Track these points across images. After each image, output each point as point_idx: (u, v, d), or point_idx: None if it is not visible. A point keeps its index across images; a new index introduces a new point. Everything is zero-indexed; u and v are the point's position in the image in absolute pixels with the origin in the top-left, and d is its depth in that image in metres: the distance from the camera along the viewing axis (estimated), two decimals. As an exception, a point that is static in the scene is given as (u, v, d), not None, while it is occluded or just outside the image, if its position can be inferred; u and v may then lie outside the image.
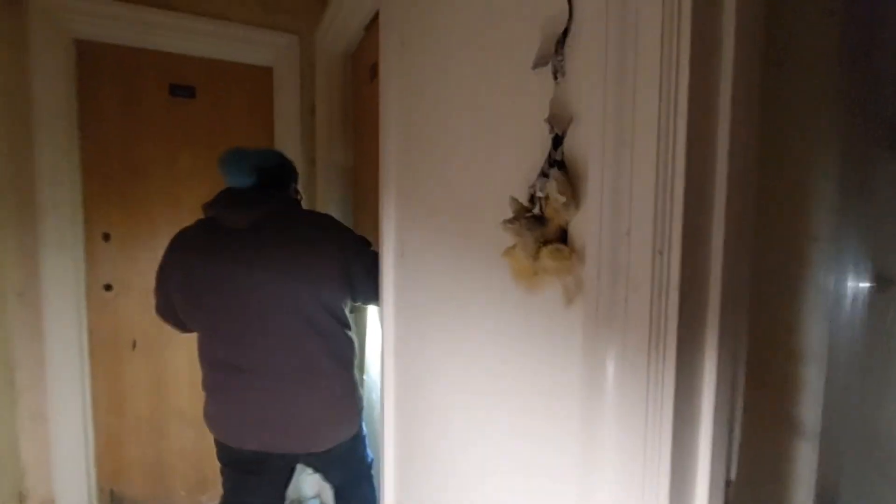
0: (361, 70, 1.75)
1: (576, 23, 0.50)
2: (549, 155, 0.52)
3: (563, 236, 0.52)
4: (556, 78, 0.52)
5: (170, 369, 1.90)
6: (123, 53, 1.77)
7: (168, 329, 1.85)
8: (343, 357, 1.18)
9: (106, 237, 1.78)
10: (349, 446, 1.22)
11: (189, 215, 1.90)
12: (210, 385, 1.20)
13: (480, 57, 0.67)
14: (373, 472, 1.33)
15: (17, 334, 1.60)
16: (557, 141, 0.52)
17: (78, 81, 1.70)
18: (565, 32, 0.51)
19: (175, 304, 1.19)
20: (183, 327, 1.28)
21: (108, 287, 1.79)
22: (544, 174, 0.52)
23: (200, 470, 1.98)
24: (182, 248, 1.18)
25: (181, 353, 1.91)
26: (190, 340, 1.91)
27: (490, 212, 0.64)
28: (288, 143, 1.97)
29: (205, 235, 1.16)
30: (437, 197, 0.83)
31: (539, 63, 0.54)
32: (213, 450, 1.95)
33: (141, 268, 1.83)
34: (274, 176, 1.18)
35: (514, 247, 0.56)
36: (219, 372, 1.16)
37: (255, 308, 1.10)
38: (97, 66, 1.74)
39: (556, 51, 0.52)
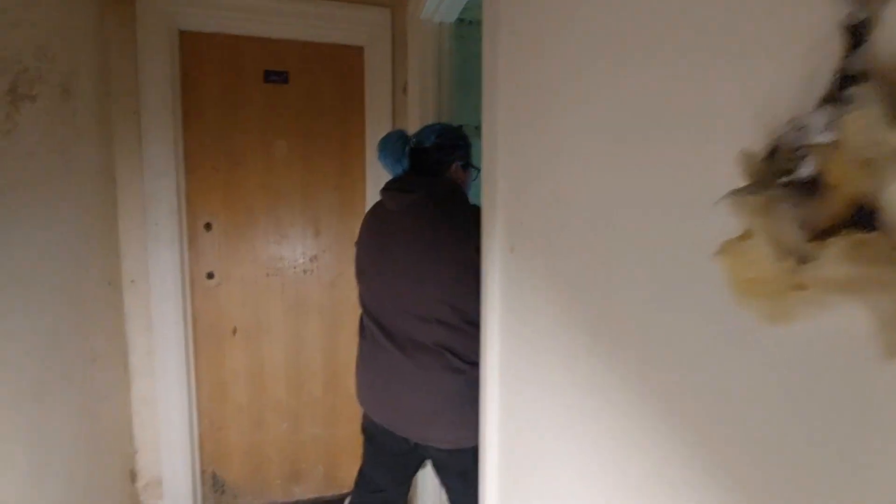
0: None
1: None
2: (842, 65, 0.28)
3: (859, 219, 0.28)
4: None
5: (267, 359, 1.89)
6: (223, 41, 1.75)
7: (265, 318, 1.87)
8: (474, 359, 1.03)
9: (207, 227, 1.80)
10: (474, 459, 1.05)
11: (285, 203, 1.88)
12: (357, 353, 1.28)
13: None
14: None
15: (130, 321, 1.67)
16: (859, 35, 0.27)
17: (182, 72, 1.72)
18: None
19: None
20: None
21: (210, 275, 1.81)
22: (831, 100, 0.28)
23: (295, 462, 1.96)
24: (364, 221, 1.30)
25: (278, 342, 1.89)
26: (284, 330, 1.90)
27: (678, 179, 0.41)
28: (379, 124, 1.85)
29: (373, 215, 1.25)
30: (568, 172, 0.60)
31: None
32: (306, 443, 1.96)
33: (241, 256, 1.83)
34: (427, 159, 1.17)
35: (744, 238, 0.32)
36: (366, 341, 1.23)
37: (393, 293, 1.13)
38: (199, 57, 1.74)
39: None
